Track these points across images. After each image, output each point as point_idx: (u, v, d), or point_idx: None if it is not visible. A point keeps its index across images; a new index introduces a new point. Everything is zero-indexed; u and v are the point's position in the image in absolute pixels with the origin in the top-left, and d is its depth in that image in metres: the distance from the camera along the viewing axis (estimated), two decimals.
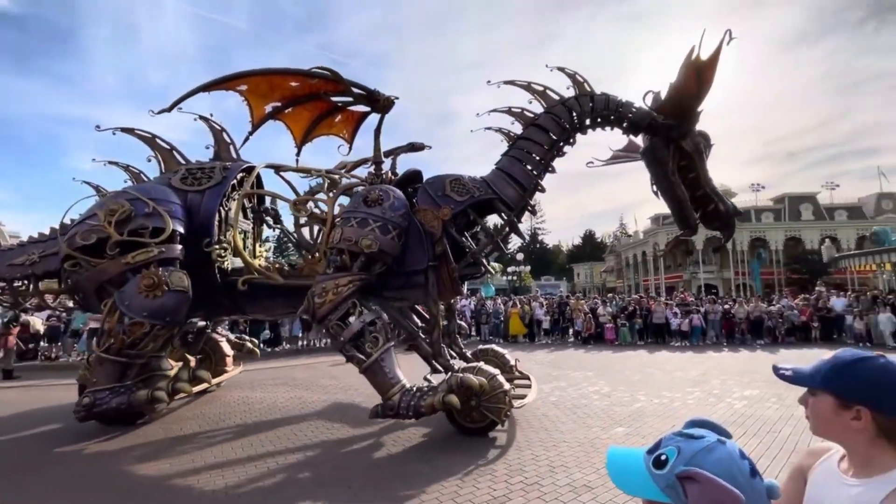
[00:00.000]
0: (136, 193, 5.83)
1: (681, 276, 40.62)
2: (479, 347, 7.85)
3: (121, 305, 5.25)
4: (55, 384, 9.74)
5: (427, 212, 5.71)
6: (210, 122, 6.92)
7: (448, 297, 6.30)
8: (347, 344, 5.10)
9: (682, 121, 5.81)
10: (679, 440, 0.96)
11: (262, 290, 5.91)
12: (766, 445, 5.08)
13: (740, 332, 15.75)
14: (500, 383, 5.25)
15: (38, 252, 6.30)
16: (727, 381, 8.89)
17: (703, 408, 6.81)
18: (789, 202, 39.55)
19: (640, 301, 17.70)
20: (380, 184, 6.10)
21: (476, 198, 5.85)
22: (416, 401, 4.87)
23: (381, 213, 5.41)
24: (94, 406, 5.20)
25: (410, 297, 6.31)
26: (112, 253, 5.43)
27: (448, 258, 5.69)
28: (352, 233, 5.30)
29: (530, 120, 6.32)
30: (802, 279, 34.15)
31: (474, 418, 5.33)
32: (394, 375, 5.07)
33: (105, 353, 5.31)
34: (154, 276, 5.30)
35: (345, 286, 5.19)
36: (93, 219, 5.58)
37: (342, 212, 5.78)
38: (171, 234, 5.63)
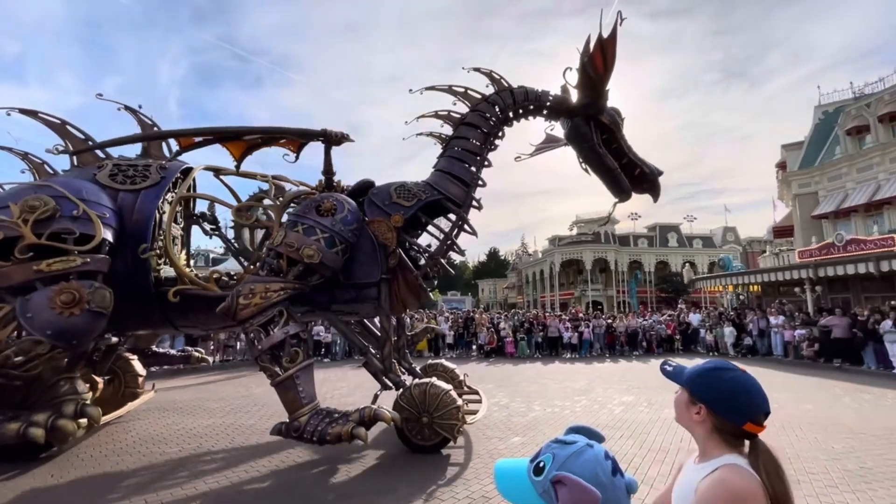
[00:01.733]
0: (63, 190, 4.87)
1: (572, 293, 44.36)
2: (429, 362, 7.75)
3: (21, 316, 4.38)
4: None
5: (380, 223, 5.58)
6: (139, 114, 6.07)
7: (411, 306, 6.13)
8: (265, 354, 4.71)
9: (595, 98, 6.13)
10: (555, 447, 1.08)
11: (197, 302, 5.32)
12: (639, 445, 5.72)
13: (620, 344, 17.62)
14: (452, 398, 5.17)
15: None
16: (608, 388, 9.87)
17: (588, 415, 7.47)
18: (659, 230, 45.66)
19: (538, 317, 18.96)
20: (331, 192, 5.80)
21: (424, 200, 5.82)
22: (323, 426, 4.54)
23: (331, 225, 5.18)
24: None
25: (361, 310, 6.12)
26: (22, 256, 4.52)
27: (407, 267, 5.61)
28: (295, 239, 5.01)
29: (459, 120, 6.43)
30: (669, 297, 39.53)
31: (426, 435, 5.22)
32: (307, 395, 4.74)
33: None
34: (75, 292, 4.50)
35: (275, 292, 4.86)
36: (3, 212, 4.64)
37: (290, 214, 5.49)
38: (99, 243, 4.83)
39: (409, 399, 5.26)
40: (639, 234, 46.02)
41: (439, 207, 6.10)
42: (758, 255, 29.27)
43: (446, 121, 6.53)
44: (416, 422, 5.24)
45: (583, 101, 6.25)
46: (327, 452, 5.50)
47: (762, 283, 20.55)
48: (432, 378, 5.65)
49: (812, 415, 7.25)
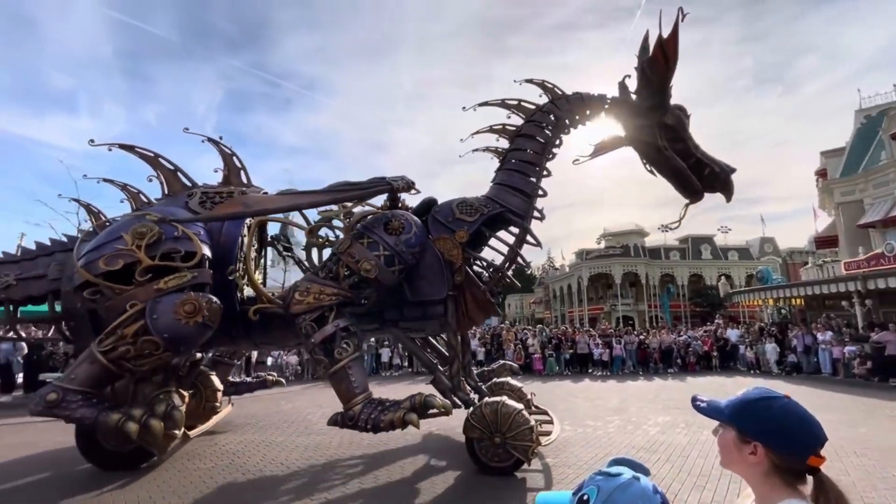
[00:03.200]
0: (162, 215, 5.31)
1: (602, 308, 43.31)
2: (494, 381, 7.49)
3: (148, 317, 4.78)
4: None
5: (446, 240, 5.65)
6: (220, 145, 6.47)
7: (480, 322, 6.18)
8: (318, 346, 4.96)
9: (657, 98, 5.97)
10: (599, 479, 1.03)
11: (275, 320, 5.51)
12: (678, 470, 5.45)
13: (653, 361, 17.00)
14: (525, 419, 5.00)
15: (12, 274, 5.65)
16: (643, 408, 9.49)
17: (622, 435, 7.18)
18: (692, 243, 44.22)
19: (566, 332, 18.56)
20: (403, 212, 5.90)
21: (486, 214, 5.85)
22: (377, 414, 4.65)
23: (394, 244, 5.30)
24: (58, 407, 4.61)
25: (428, 327, 6.17)
26: (142, 279, 4.91)
27: (474, 282, 5.64)
28: (358, 250, 5.23)
29: (515, 132, 6.45)
30: (704, 312, 38.02)
31: (498, 456, 5.06)
32: (360, 385, 4.88)
33: (102, 354, 4.74)
34: (196, 303, 4.89)
35: (328, 296, 5.10)
36: (118, 242, 5.02)
37: (361, 224, 5.60)
38: (200, 258, 5.21)
39: (479, 418, 5.09)
40: (670, 247, 44.69)
41: (501, 220, 6.05)
42: (799, 267, 27.87)
43: (502, 134, 6.54)
44: (488, 442, 5.07)
45: (644, 102, 6.12)
46: (395, 475, 5.41)
47: (806, 297, 19.49)
48: (503, 397, 5.45)
49: (867, 439, 6.74)
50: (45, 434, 7.94)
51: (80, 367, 4.85)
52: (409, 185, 5.78)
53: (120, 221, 5.55)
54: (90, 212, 6.41)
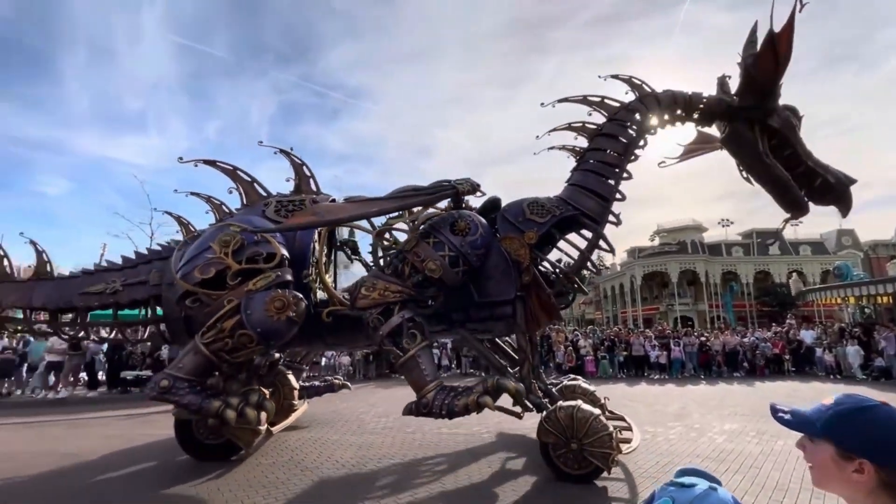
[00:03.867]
0: (241, 224, 5.70)
1: (657, 308, 41.37)
2: (565, 383, 7.29)
3: (244, 313, 5.15)
4: (52, 420, 9.03)
5: (513, 240, 5.53)
6: (291, 155, 6.84)
7: (543, 324, 6.03)
8: (386, 339, 5.06)
9: (763, 99, 5.50)
10: (672, 490, 0.96)
11: (346, 322, 5.69)
12: (750, 481, 5.05)
13: (716, 364, 15.97)
14: (603, 424, 4.79)
15: (119, 280, 6.14)
16: (706, 414, 8.93)
17: (685, 443, 6.78)
18: (757, 237, 41.25)
19: (619, 334, 17.86)
20: (469, 212, 5.89)
21: (558, 216, 5.68)
22: (450, 400, 4.68)
23: (459, 245, 5.29)
24: (169, 392, 5.06)
25: (496, 329, 6.09)
26: (233, 283, 5.31)
27: (540, 284, 5.52)
28: (423, 250, 5.26)
29: (595, 131, 6.17)
30: (773, 311, 35.27)
31: (576, 464, 4.87)
32: (430, 373, 4.95)
33: (204, 346, 5.17)
34: (284, 299, 5.21)
35: (393, 293, 5.19)
36: (208, 252, 5.45)
37: (427, 223, 5.61)
38: (281, 258, 5.57)
39: (554, 423, 4.92)
40: (732, 242, 41.99)
41: (573, 223, 5.85)
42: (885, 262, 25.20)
43: (580, 132, 6.29)
44: (563, 448, 4.88)
45: (746, 102, 5.65)
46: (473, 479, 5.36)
47: (895, 294, 17.57)
48: (577, 401, 5.26)
49: None
50: (134, 428, 8.66)
51: (186, 358, 5.27)
52: (473, 188, 5.71)
53: (206, 233, 5.94)
54: (181, 223, 6.85)
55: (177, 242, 6.57)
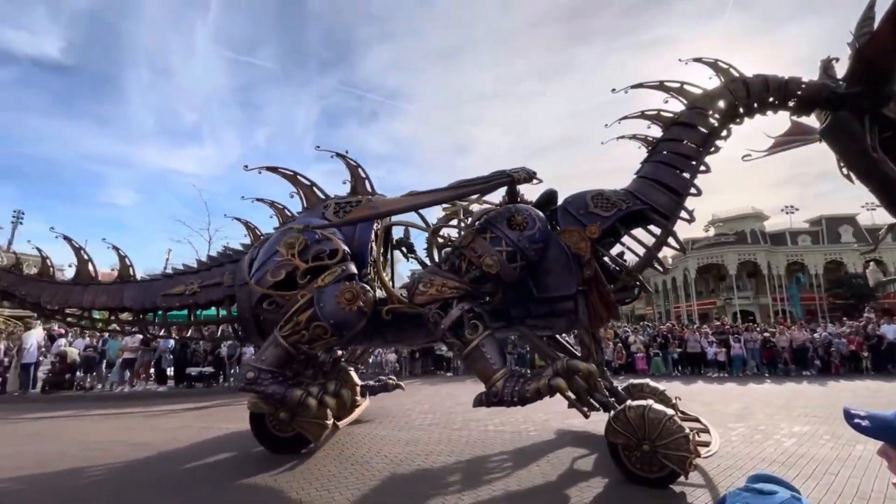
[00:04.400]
0: (301, 225, 5.95)
1: (714, 303, 39.12)
2: (632, 382, 7.11)
3: (317, 305, 5.35)
4: (127, 412, 9.91)
5: (573, 232, 5.36)
6: (346, 158, 7.05)
7: (601, 322, 5.78)
8: (448, 331, 5.04)
9: (877, 85, 4.93)
10: (748, 497, 0.87)
11: (405, 319, 5.76)
12: (824, 489, 4.64)
13: (783, 361, 14.87)
14: (678, 425, 4.51)
15: (197, 282, 6.54)
16: (773, 415, 8.32)
17: (749, 446, 6.34)
18: (827, 224, 38.01)
19: (673, 329, 17.03)
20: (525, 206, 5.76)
21: (624, 210, 5.43)
22: (520, 386, 4.57)
23: (517, 240, 5.15)
24: (255, 383, 5.32)
25: (556, 325, 5.92)
26: (303, 281, 5.54)
27: (600, 280, 5.31)
28: (480, 245, 5.18)
29: (671, 119, 5.82)
30: (846, 304, 32.31)
31: (649, 466, 4.62)
32: (497, 361, 4.86)
33: (283, 338, 5.42)
34: (354, 290, 5.39)
35: (450, 289, 5.16)
36: (276, 256, 5.71)
37: (485, 217, 5.55)
38: (343, 253, 5.74)
39: (623, 423, 4.69)
40: (797, 230, 38.91)
41: (640, 218, 5.59)
42: None
43: (654, 121, 5.94)
44: (635, 449, 4.66)
45: (855, 88, 5.07)
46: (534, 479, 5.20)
47: None
48: (648, 401, 4.99)
49: None
50: (197, 420, 9.24)
51: (267, 350, 5.50)
52: (529, 176, 5.52)
53: (272, 239, 6.18)
54: (248, 227, 7.16)
55: (244, 246, 6.91)
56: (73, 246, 6.92)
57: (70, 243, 6.86)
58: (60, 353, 13.42)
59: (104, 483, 5.34)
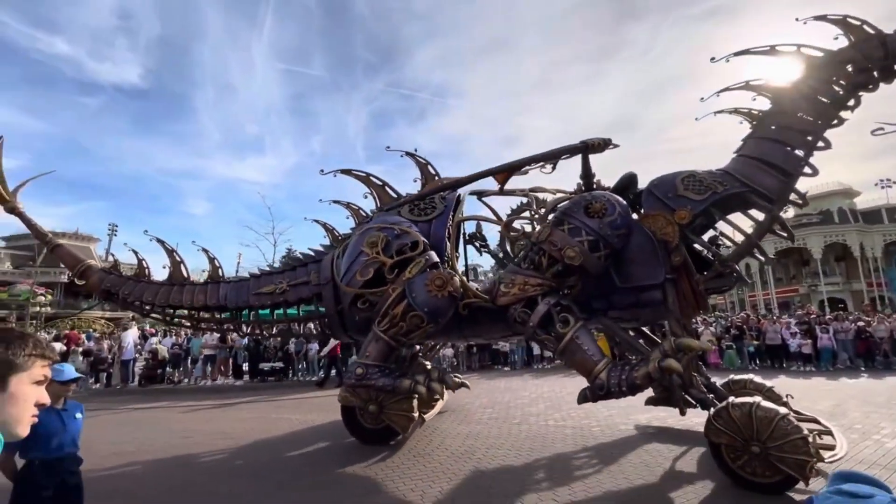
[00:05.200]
0: (380, 224, 6.13)
1: (796, 290, 35.81)
2: (732, 377, 6.53)
3: (409, 296, 5.48)
4: (209, 404, 10.91)
5: (658, 217, 4.98)
6: (416, 157, 7.21)
7: (690, 314, 5.41)
8: (537, 329, 4.90)
9: None
10: (840, 500, 0.79)
11: (482, 314, 5.78)
12: None
13: (881, 353, 13.32)
14: (794, 426, 4.06)
15: (286, 281, 6.85)
16: (871, 413, 7.48)
17: None
18: None
19: (748, 320, 15.80)
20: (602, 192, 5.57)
21: (721, 193, 4.95)
22: (627, 374, 4.29)
23: (598, 228, 4.91)
24: (365, 378, 5.53)
25: (642, 316, 5.67)
26: (391, 276, 5.69)
27: (689, 269, 4.95)
28: (559, 238, 4.98)
29: (782, 89, 5.23)
30: None
31: (758, 470, 4.21)
32: (595, 352, 4.64)
33: (383, 333, 5.61)
34: (442, 277, 5.49)
35: (532, 287, 5.03)
36: (361, 256, 5.90)
37: (559, 210, 5.35)
38: (423, 245, 5.84)
39: (727, 421, 4.28)
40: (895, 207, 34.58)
41: (739, 201, 5.07)
42: None
43: (760, 92, 5.33)
44: (742, 451, 4.26)
45: None
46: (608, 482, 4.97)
47: None
48: (756, 397, 4.54)
49: None
50: (271, 411, 9.88)
51: (370, 346, 5.69)
52: (604, 143, 5.23)
53: (353, 240, 6.39)
54: (326, 229, 7.47)
55: (324, 246, 7.20)
56: (166, 248, 7.47)
57: (163, 246, 7.43)
58: (152, 350, 14.89)
59: (198, 468, 5.86)
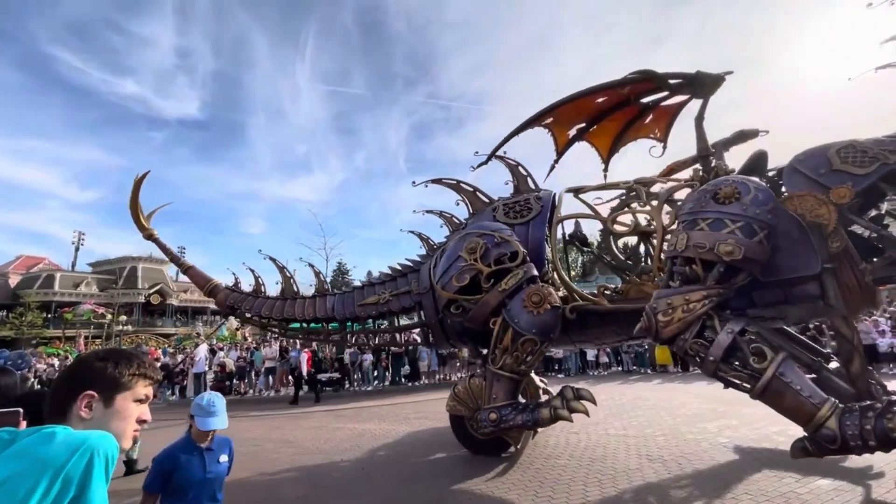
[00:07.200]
0: (480, 230, 6.04)
1: None
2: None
3: (512, 323, 5.33)
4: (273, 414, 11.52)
5: (805, 198, 4.28)
6: (505, 159, 7.14)
7: (857, 310, 4.67)
8: (721, 364, 3.97)
9: None
10: None
11: (590, 318, 5.58)
12: None
13: None
14: None
15: (388, 292, 6.84)
16: None
17: None
18: None
19: None
20: (712, 178, 5.05)
21: (893, 164, 4.15)
22: (875, 422, 3.36)
23: (742, 211, 4.22)
24: (501, 422, 5.29)
25: (791, 314, 4.88)
26: (487, 285, 5.61)
27: (853, 256, 4.17)
28: (703, 237, 4.23)
29: None
30: None
31: None
32: (811, 391, 3.69)
33: (501, 370, 5.41)
34: (539, 293, 5.35)
35: (697, 302, 4.16)
36: (459, 261, 5.83)
37: (682, 214, 4.71)
38: (523, 256, 5.71)
39: None
40: None
41: None
42: None
43: None
44: None
45: None
46: None
47: None
48: None
49: None
50: (330, 421, 10.22)
51: (493, 389, 5.46)
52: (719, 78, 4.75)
53: (451, 245, 6.25)
54: (421, 238, 7.53)
55: (421, 256, 7.27)
56: (277, 266, 7.87)
57: (275, 263, 7.84)
58: (221, 364, 15.87)
59: (276, 478, 6.17)
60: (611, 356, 16.57)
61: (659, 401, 9.89)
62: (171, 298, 43.28)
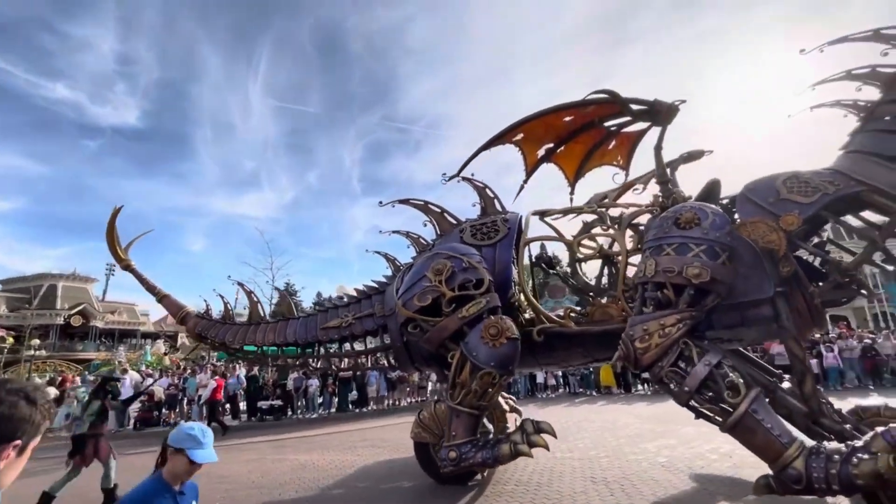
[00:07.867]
0: (449, 252, 5.93)
1: None
2: (860, 405, 5.07)
3: (470, 357, 5.23)
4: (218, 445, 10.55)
5: (757, 224, 4.43)
6: (472, 181, 7.04)
7: (805, 331, 4.85)
8: (695, 395, 4.04)
9: None
10: None
11: (557, 340, 5.56)
12: None
13: (889, 371, 13.16)
14: None
15: (350, 315, 6.69)
16: None
17: None
18: None
19: None
20: (671, 205, 5.24)
21: (833, 195, 4.37)
22: (840, 467, 3.32)
23: (703, 234, 4.45)
24: (461, 460, 5.13)
25: (746, 336, 4.99)
26: (448, 309, 5.50)
27: (802, 280, 4.39)
28: (670, 261, 4.39)
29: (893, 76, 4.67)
30: None
31: None
32: (782, 432, 3.70)
33: (460, 406, 5.26)
34: (497, 325, 5.28)
35: (672, 326, 4.28)
36: (423, 280, 5.74)
37: (648, 241, 4.86)
38: (488, 284, 5.65)
39: (889, 466, 3.32)
40: None
41: (854, 203, 4.55)
42: None
43: (868, 81, 4.88)
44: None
45: None
46: None
47: None
48: None
49: None
50: (273, 452, 9.59)
51: (453, 425, 5.32)
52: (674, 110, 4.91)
53: (419, 263, 6.17)
54: (387, 259, 7.39)
55: (387, 277, 7.09)
56: (245, 290, 7.57)
57: (242, 288, 7.53)
58: (148, 392, 14.57)
59: None
60: (558, 379, 16.92)
61: (603, 422, 10.18)
62: (95, 320, 39.40)
